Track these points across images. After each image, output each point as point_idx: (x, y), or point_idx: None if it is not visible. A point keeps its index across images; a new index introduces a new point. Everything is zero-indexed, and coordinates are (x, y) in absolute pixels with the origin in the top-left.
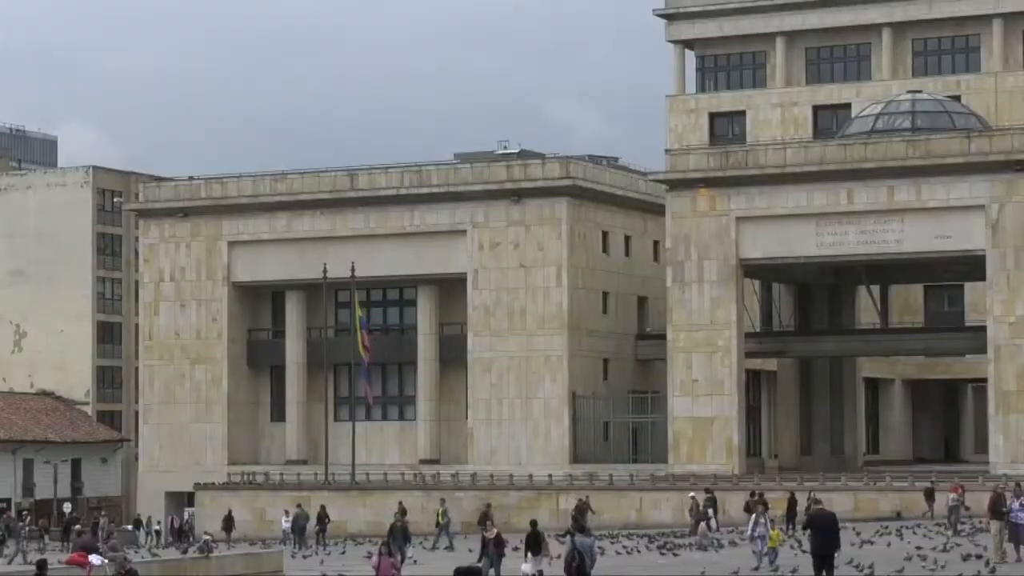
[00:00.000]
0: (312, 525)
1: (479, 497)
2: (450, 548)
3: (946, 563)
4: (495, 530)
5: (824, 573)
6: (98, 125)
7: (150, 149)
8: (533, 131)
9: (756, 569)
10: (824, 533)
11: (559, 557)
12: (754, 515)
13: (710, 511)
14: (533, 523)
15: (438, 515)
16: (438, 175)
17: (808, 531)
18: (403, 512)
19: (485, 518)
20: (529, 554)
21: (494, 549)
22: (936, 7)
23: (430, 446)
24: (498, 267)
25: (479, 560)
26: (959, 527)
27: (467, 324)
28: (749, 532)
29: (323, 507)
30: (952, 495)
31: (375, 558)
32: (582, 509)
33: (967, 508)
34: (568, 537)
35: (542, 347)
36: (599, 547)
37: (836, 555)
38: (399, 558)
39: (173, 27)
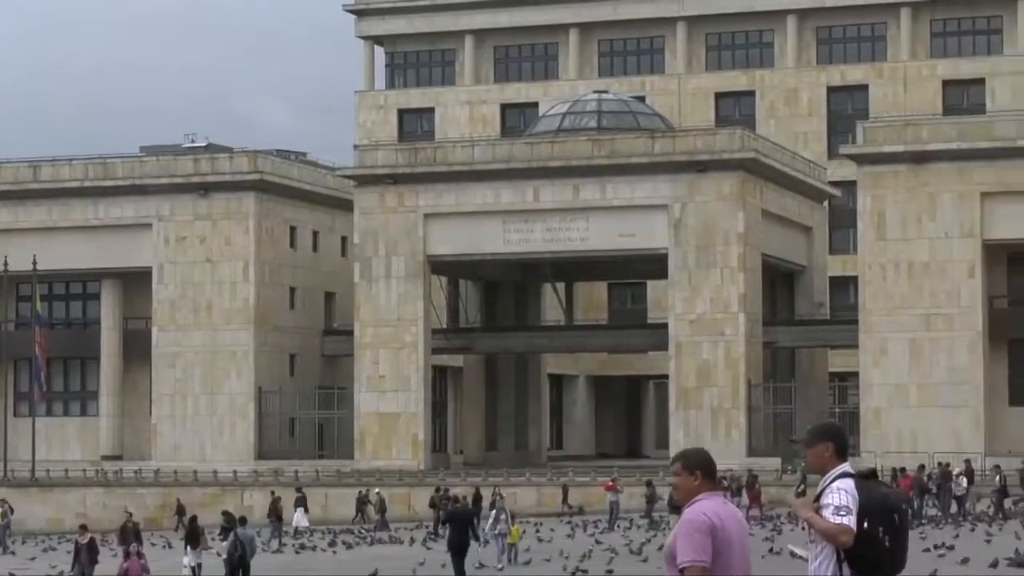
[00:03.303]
0: None
1: (163, 494)
2: (5, 551)
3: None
4: (88, 535)
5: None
6: None
7: None
8: (221, 125)
9: (500, 569)
10: (460, 528)
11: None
12: (494, 511)
13: (300, 509)
14: (193, 519)
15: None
16: (123, 168)
17: (447, 525)
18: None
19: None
20: (188, 548)
21: (87, 555)
22: (622, 9)
23: (113, 442)
24: (184, 261)
25: (72, 568)
26: (616, 524)
27: (152, 318)
28: (488, 528)
29: None
30: (609, 493)
31: (123, 561)
32: (445, 498)
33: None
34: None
35: (228, 342)
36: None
37: (471, 547)
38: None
39: None
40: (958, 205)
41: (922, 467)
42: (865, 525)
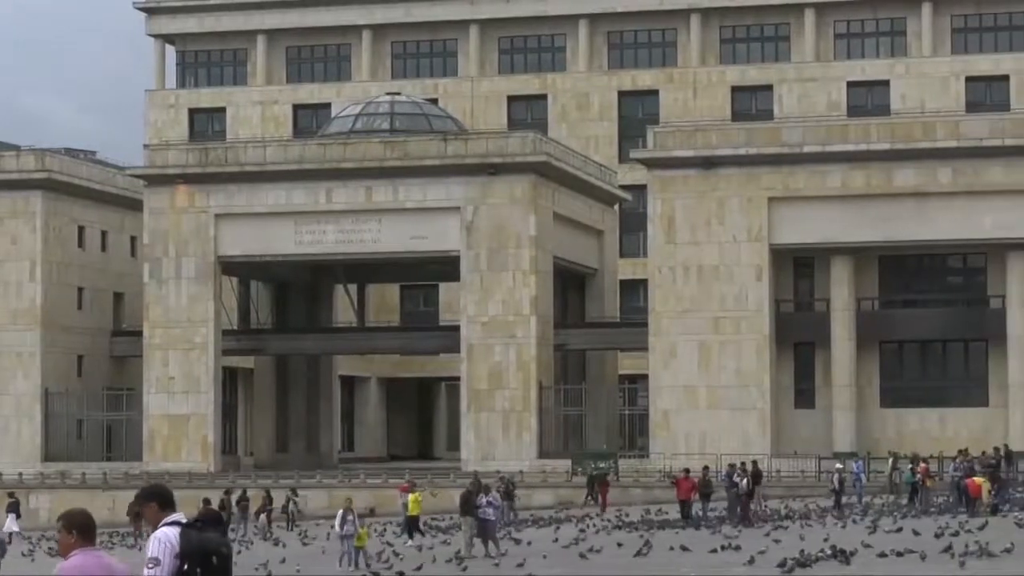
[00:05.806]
0: None
1: None
2: None
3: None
4: None
5: None
6: None
7: None
8: (7, 122)
9: (352, 568)
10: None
11: None
12: (341, 512)
13: (12, 515)
14: None
15: None
16: None
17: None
18: None
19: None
20: None
21: None
22: (414, 11)
23: None
24: None
25: None
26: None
27: None
28: (337, 531)
29: None
30: (403, 495)
31: None
32: (238, 499)
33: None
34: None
35: (14, 343)
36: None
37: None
38: None
39: None
40: (746, 209)
41: (707, 468)
42: (185, 567)
